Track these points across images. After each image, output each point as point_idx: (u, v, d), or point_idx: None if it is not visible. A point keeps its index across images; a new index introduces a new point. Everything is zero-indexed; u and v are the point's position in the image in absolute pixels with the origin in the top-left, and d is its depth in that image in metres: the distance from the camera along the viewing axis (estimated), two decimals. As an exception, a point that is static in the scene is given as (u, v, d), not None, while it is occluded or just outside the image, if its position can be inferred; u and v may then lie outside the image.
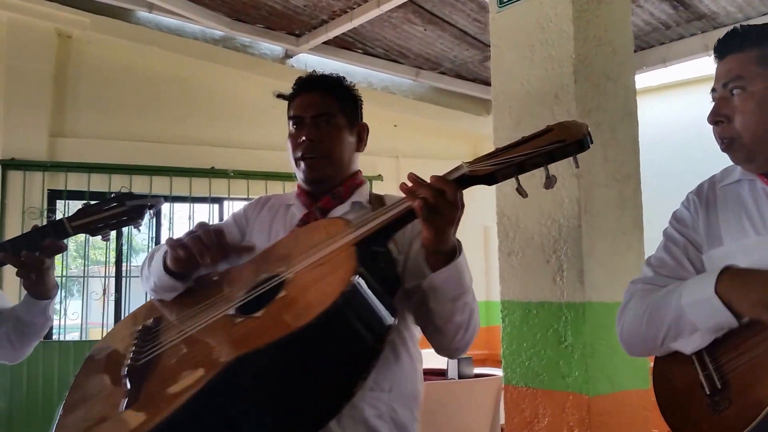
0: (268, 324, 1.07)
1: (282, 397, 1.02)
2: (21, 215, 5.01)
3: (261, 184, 5.74)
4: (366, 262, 1.11)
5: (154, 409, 1.03)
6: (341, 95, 1.54)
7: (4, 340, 1.64)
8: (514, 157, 1.11)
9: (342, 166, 1.51)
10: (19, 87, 5.18)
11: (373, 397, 1.32)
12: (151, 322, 1.34)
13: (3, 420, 4.89)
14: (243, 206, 1.63)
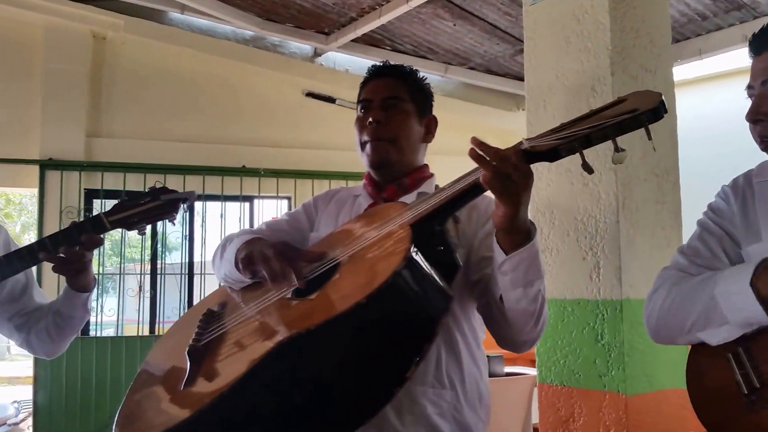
0: (320, 305, 1.07)
1: (332, 380, 1.02)
2: (59, 214, 5.12)
3: (290, 182, 5.79)
4: (420, 243, 1.08)
5: (208, 388, 1.05)
6: (412, 83, 1.52)
7: (43, 334, 1.67)
8: (579, 131, 1.03)
9: (407, 153, 1.48)
10: (56, 89, 5.29)
11: (435, 394, 1.30)
12: (217, 306, 1.36)
13: (44, 414, 5.01)
14: (313, 197, 1.63)
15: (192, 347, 1.19)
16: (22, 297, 1.70)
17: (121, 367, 5.16)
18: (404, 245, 1.07)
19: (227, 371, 1.07)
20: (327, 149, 5.94)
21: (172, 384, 1.16)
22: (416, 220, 1.14)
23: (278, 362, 1.00)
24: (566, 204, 2.29)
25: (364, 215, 1.39)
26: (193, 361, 1.16)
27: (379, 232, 1.18)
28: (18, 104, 5.30)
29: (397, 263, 1.02)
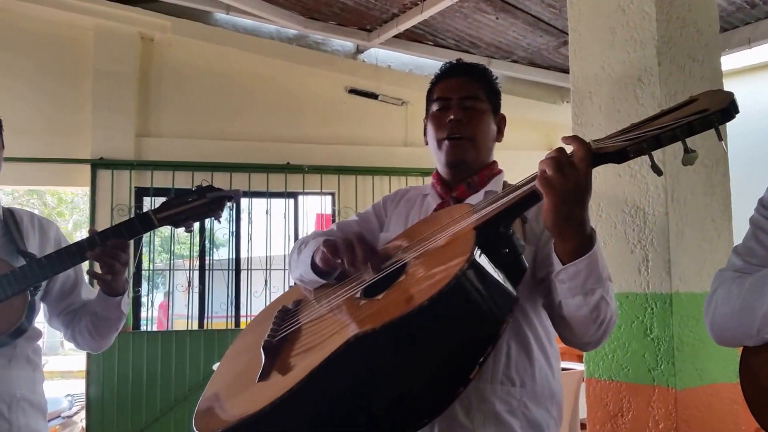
0: (386, 306, 1.09)
1: (396, 379, 1.04)
2: (110, 212, 5.27)
3: (334, 178, 5.84)
4: (485, 245, 1.09)
5: (280, 384, 1.08)
6: (487, 83, 1.51)
7: (84, 332, 1.73)
8: (649, 131, 1.02)
9: (482, 152, 1.48)
10: (106, 90, 5.44)
11: (504, 391, 1.29)
12: (292, 303, 1.39)
13: (96, 407, 5.15)
14: (382, 197, 1.64)
15: (267, 342, 1.23)
16: (72, 293, 1.76)
17: (171, 361, 5.28)
18: (468, 248, 1.07)
19: (299, 367, 1.09)
20: (370, 145, 5.98)
21: (249, 377, 1.19)
22: (481, 223, 1.14)
23: (345, 360, 1.02)
24: (613, 196, 2.27)
25: (430, 217, 1.40)
26: (268, 356, 1.20)
27: (444, 234, 1.19)
28: (70, 105, 5.48)
29: (460, 266, 1.03)
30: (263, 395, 1.08)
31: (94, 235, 1.57)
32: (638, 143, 1.02)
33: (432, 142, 1.50)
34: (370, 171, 5.80)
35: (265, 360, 1.19)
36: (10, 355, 1.59)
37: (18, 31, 5.43)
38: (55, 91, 5.46)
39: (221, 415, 1.17)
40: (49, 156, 5.28)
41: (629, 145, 1.03)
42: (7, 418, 1.57)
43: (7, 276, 1.52)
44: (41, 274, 1.55)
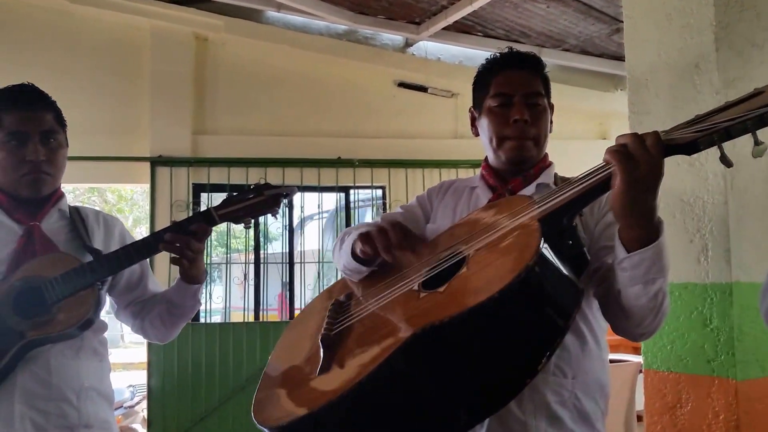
0: (449, 299, 1.08)
1: (463, 372, 1.03)
2: (169, 208, 5.41)
3: (384, 171, 5.85)
4: (550, 238, 1.08)
5: (343, 377, 1.09)
6: (543, 75, 1.47)
7: (156, 321, 1.77)
8: (719, 123, 1.01)
9: (542, 150, 1.46)
10: (163, 89, 5.59)
11: (556, 382, 1.29)
12: (343, 296, 1.39)
13: (157, 397, 5.29)
14: (427, 189, 1.63)
15: (325, 335, 1.22)
16: (138, 286, 1.80)
17: (228, 352, 5.39)
18: (535, 240, 1.06)
19: (362, 361, 1.09)
20: (419, 138, 5.99)
21: (307, 370, 1.20)
22: (546, 215, 1.12)
23: (414, 352, 1.02)
24: (672, 185, 2.23)
25: (487, 208, 1.37)
26: (327, 350, 1.19)
27: (506, 225, 1.17)
28: (129, 105, 5.64)
29: (529, 258, 1.02)
30: (327, 388, 1.09)
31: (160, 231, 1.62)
32: (709, 135, 1.02)
33: (489, 137, 1.45)
34: (420, 164, 5.80)
35: (324, 353, 1.19)
36: (78, 346, 1.64)
37: (79, 35, 5.63)
38: (115, 91, 5.63)
39: (283, 408, 1.16)
40: (110, 154, 5.45)
41: (700, 137, 1.02)
42: (76, 407, 1.61)
43: (76, 270, 1.57)
44: (109, 268, 1.60)
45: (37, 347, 1.57)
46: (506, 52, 1.49)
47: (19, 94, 1.67)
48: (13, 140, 1.62)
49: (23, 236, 1.64)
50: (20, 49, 5.37)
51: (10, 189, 1.66)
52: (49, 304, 1.55)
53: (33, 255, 1.62)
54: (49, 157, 1.65)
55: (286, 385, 1.24)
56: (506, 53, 1.48)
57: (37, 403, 1.56)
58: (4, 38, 5.44)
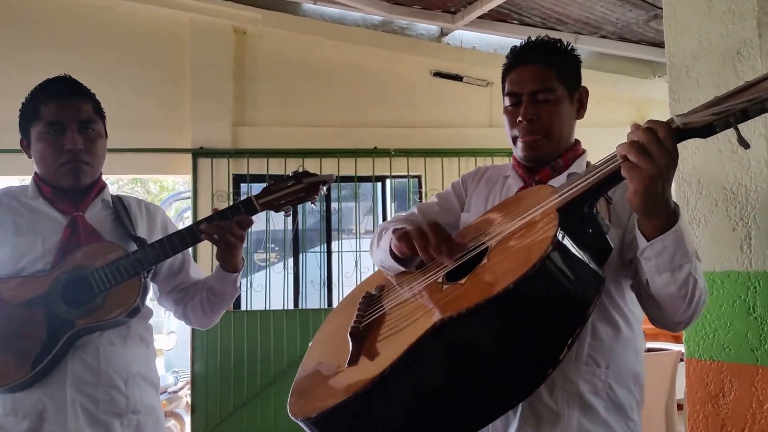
0: (470, 290, 1.09)
1: (485, 362, 1.04)
2: (210, 198, 5.52)
3: (420, 161, 5.87)
4: (568, 227, 1.08)
5: (368, 369, 1.11)
6: (560, 63, 1.43)
7: (197, 308, 1.80)
8: (736, 104, 0.99)
9: (561, 141, 1.44)
10: (203, 83, 5.69)
11: (589, 372, 1.29)
12: (375, 289, 1.41)
13: (201, 383, 5.41)
14: (461, 177, 1.63)
15: (354, 328, 1.24)
16: (180, 273, 1.84)
17: (269, 338, 5.49)
18: (551, 230, 1.06)
19: (386, 352, 1.11)
20: (455, 127, 5.99)
21: (338, 363, 1.22)
22: (563, 204, 1.12)
23: (432, 344, 1.03)
24: (714, 173, 2.22)
25: (511, 200, 1.38)
26: (355, 342, 1.21)
27: (526, 217, 1.17)
28: (171, 98, 5.75)
29: (544, 248, 1.02)
30: (353, 380, 1.10)
31: (203, 219, 1.65)
32: (724, 117, 1.00)
33: (507, 135, 1.48)
34: (455, 153, 5.80)
35: (353, 345, 1.20)
36: (125, 333, 1.67)
37: (121, 30, 5.74)
38: (157, 85, 5.75)
39: (314, 400, 1.18)
40: (153, 146, 5.58)
41: (715, 120, 1.01)
42: (124, 393, 1.64)
43: (122, 260, 1.60)
44: (155, 257, 1.62)
45: (86, 335, 1.60)
46: (517, 49, 1.47)
47: (56, 86, 1.69)
48: (51, 130, 1.64)
49: (68, 227, 1.66)
50: (63, 46, 5.50)
51: (52, 180, 1.68)
52: (96, 293, 1.58)
53: (78, 245, 1.64)
54: (88, 147, 1.66)
55: (317, 379, 1.26)
56: (516, 49, 1.47)
57: (88, 390, 1.60)
58: (48, 35, 5.59)
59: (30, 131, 1.69)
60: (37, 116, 1.66)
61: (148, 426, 1.68)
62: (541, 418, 1.27)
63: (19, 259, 1.62)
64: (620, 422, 1.32)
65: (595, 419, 1.29)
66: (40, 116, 1.66)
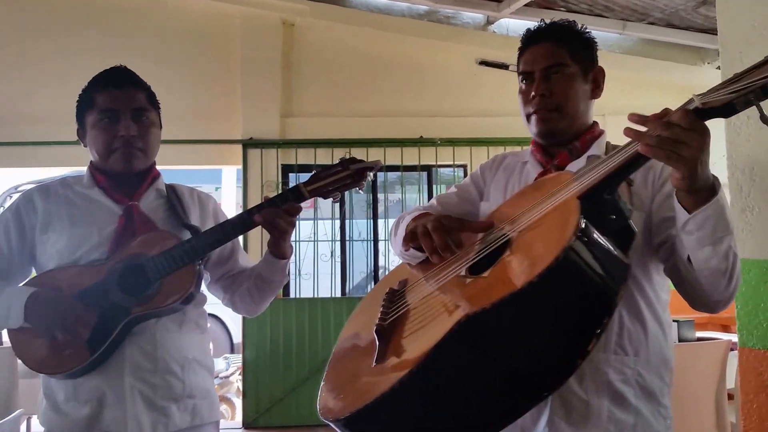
0: (493, 284, 1.07)
1: (512, 356, 1.02)
2: (260, 188, 5.64)
3: (466, 150, 5.87)
4: (590, 215, 1.05)
5: (396, 369, 1.09)
6: (572, 42, 1.44)
7: (245, 295, 1.80)
8: (755, 81, 0.97)
9: (576, 118, 1.43)
10: (253, 75, 5.80)
11: (618, 361, 1.29)
12: (398, 284, 1.39)
13: (251, 368, 5.53)
14: (480, 166, 1.63)
15: (379, 326, 1.22)
16: (230, 260, 1.84)
17: (317, 326, 5.57)
18: (573, 219, 1.03)
19: (413, 350, 1.10)
20: (501, 116, 5.96)
21: (365, 362, 1.20)
22: (584, 192, 1.10)
23: (458, 341, 1.02)
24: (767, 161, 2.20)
25: (531, 187, 1.36)
26: (381, 340, 1.19)
27: (547, 205, 1.15)
28: (222, 90, 5.88)
29: (567, 238, 1.00)
30: (381, 380, 1.08)
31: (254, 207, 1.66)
32: (744, 95, 0.98)
33: (522, 117, 1.48)
34: (501, 142, 5.76)
35: (379, 343, 1.19)
36: (180, 320, 1.69)
37: (173, 24, 5.91)
38: (209, 77, 5.89)
39: (342, 401, 1.16)
40: (205, 138, 5.74)
41: (735, 98, 0.99)
42: (181, 378, 1.66)
43: (176, 248, 1.61)
44: (208, 245, 1.63)
45: (143, 322, 1.62)
46: (529, 31, 1.48)
47: (110, 75, 1.72)
48: (105, 118, 1.67)
49: (123, 216, 1.68)
50: (116, 41, 5.67)
51: (106, 166, 1.70)
52: (152, 281, 1.59)
53: (133, 234, 1.66)
54: (141, 134, 1.68)
55: (345, 379, 1.25)
56: (528, 31, 1.48)
57: (145, 376, 1.62)
58: (103, 32, 5.77)
59: (86, 120, 1.72)
60: (92, 104, 1.69)
61: (203, 409, 1.71)
62: (571, 408, 1.28)
63: (76, 250, 1.65)
64: (651, 409, 1.32)
65: (626, 407, 1.29)
66: (95, 104, 1.69)
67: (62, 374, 1.59)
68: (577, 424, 1.27)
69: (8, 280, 1.70)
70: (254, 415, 5.49)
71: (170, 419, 1.63)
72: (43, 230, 1.68)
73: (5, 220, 1.71)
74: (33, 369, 1.59)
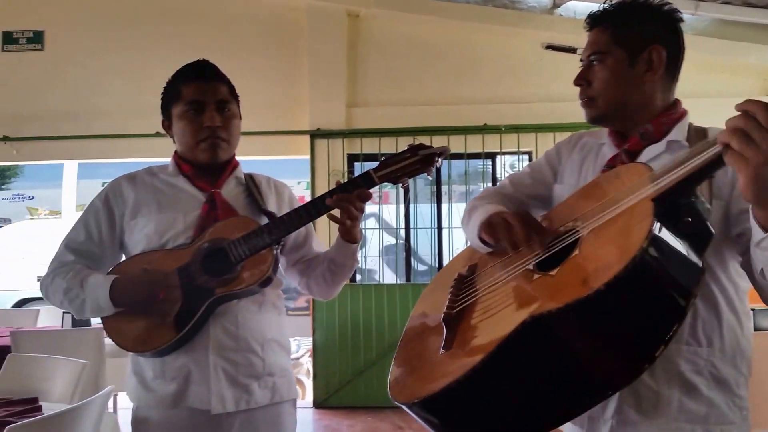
0: (561, 285, 1.06)
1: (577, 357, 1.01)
2: (327, 177, 5.80)
3: (531, 136, 5.83)
4: (665, 217, 1.01)
5: (462, 360, 1.10)
6: (619, 24, 1.39)
7: (320, 279, 1.85)
8: None
9: (617, 105, 1.40)
10: (319, 66, 5.95)
11: (690, 352, 1.26)
12: (466, 270, 1.38)
13: (321, 351, 5.72)
14: (556, 144, 1.59)
15: (446, 315, 1.22)
16: (304, 245, 1.90)
17: (383, 311, 5.70)
18: (646, 224, 0.99)
19: (480, 343, 1.10)
20: (568, 101, 5.82)
21: (432, 348, 1.21)
22: (660, 194, 1.04)
23: (524, 339, 1.02)
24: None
25: (605, 179, 1.31)
26: (449, 328, 1.19)
27: (620, 204, 1.10)
28: (290, 83, 6.07)
29: (639, 244, 0.96)
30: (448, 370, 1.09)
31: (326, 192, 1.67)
32: None
33: None
34: (569, 127, 5.59)
35: (447, 331, 1.19)
36: (260, 301, 1.74)
37: (242, 19, 6.11)
38: (277, 70, 6.08)
39: (411, 387, 1.17)
40: (276, 129, 5.93)
41: None
42: (261, 357, 1.72)
43: (255, 232, 1.66)
44: (284, 229, 1.68)
45: (225, 303, 1.68)
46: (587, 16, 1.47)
47: (196, 68, 1.79)
48: (191, 109, 1.73)
49: (206, 202, 1.76)
50: (188, 37, 5.93)
51: (192, 157, 1.78)
52: (233, 264, 1.65)
53: (215, 219, 1.73)
54: (225, 125, 1.75)
55: (414, 364, 1.26)
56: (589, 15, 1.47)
57: (228, 354, 1.68)
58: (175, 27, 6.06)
59: (171, 111, 1.78)
60: (179, 96, 1.75)
61: (282, 387, 1.76)
62: (641, 399, 1.26)
63: (163, 234, 1.72)
64: (725, 399, 1.28)
65: (698, 398, 1.26)
66: (181, 96, 1.75)
67: (151, 353, 1.67)
68: (646, 413, 1.25)
69: (100, 264, 1.80)
70: (324, 395, 5.69)
71: (252, 396, 1.70)
72: (131, 216, 1.77)
73: (95, 208, 1.81)
74: (124, 348, 1.70)
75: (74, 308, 1.74)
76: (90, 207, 1.83)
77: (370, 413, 5.41)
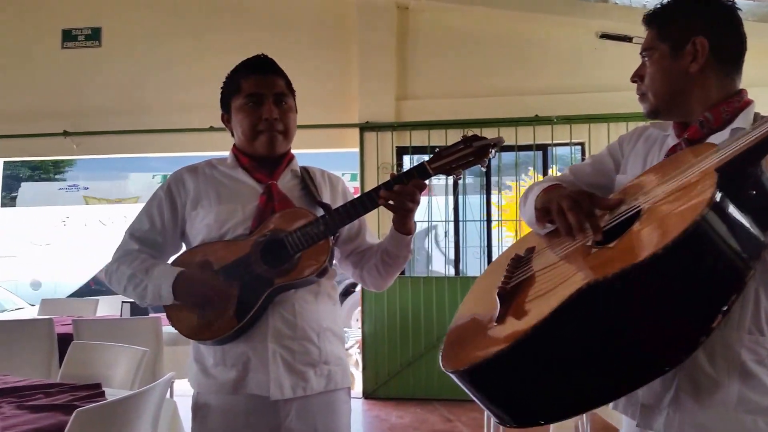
0: (618, 255, 1.06)
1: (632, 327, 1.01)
2: (376, 170, 5.82)
3: (584, 127, 5.73)
4: (728, 188, 1.01)
5: (514, 328, 1.12)
6: (661, 18, 1.42)
7: (373, 270, 1.88)
8: None
9: (666, 99, 1.41)
10: (369, 59, 5.97)
11: (752, 341, 1.23)
12: (524, 251, 1.41)
13: (370, 342, 5.77)
14: (619, 137, 1.59)
15: (501, 289, 1.25)
16: (358, 237, 1.92)
17: (432, 304, 5.71)
18: (708, 192, 1.00)
19: (532, 313, 1.11)
20: (623, 90, 5.67)
21: (486, 321, 1.24)
22: (723, 164, 1.05)
23: (577, 308, 1.02)
24: None
25: (670, 160, 1.32)
26: (503, 302, 1.22)
27: (683, 177, 1.11)
28: (340, 76, 6.11)
29: (698, 212, 0.96)
30: (499, 338, 1.12)
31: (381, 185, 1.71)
32: None
33: None
34: (624, 117, 5.50)
35: (501, 305, 1.22)
36: (316, 291, 1.79)
37: (293, 12, 6.18)
38: (328, 63, 6.13)
39: (462, 356, 1.20)
40: (326, 122, 5.97)
41: None
42: (317, 345, 1.77)
43: (312, 224, 1.70)
44: (340, 221, 1.71)
45: (283, 292, 1.73)
46: None
47: (255, 62, 1.83)
48: (251, 102, 1.78)
49: (263, 194, 1.80)
50: (241, 33, 6.01)
51: (250, 150, 1.82)
52: (291, 254, 1.69)
53: (272, 211, 1.77)
54: (282, 118, 1.79)
55: (466, 335, 1.29)
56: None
57: (286, 342, 1.73)
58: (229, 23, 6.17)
59: (231, 105, 1.83)
60: (238, 90, 1.80)
61: (337, 375, 1.81)
62: (699, 386, 1.24)
63: (223, 224, 1.77)
64: None
65: (759, 388, 1.23)
66: (241, 89, 1.80)
67: (212, 341, 1.73)
68: (703, 402, 1.24)
69: (162, 253, 1.87)
70: (373, 386, 5.75)
71: (308, 383, 1.74)
72: (193, 206, 1.82)
73: (158, 199, 1.87)
74: (186, 336, 1.75)
75: (137, 294, 1.81)
76: (153, 197, 1.89)
77: (419, 405, 5.44)
